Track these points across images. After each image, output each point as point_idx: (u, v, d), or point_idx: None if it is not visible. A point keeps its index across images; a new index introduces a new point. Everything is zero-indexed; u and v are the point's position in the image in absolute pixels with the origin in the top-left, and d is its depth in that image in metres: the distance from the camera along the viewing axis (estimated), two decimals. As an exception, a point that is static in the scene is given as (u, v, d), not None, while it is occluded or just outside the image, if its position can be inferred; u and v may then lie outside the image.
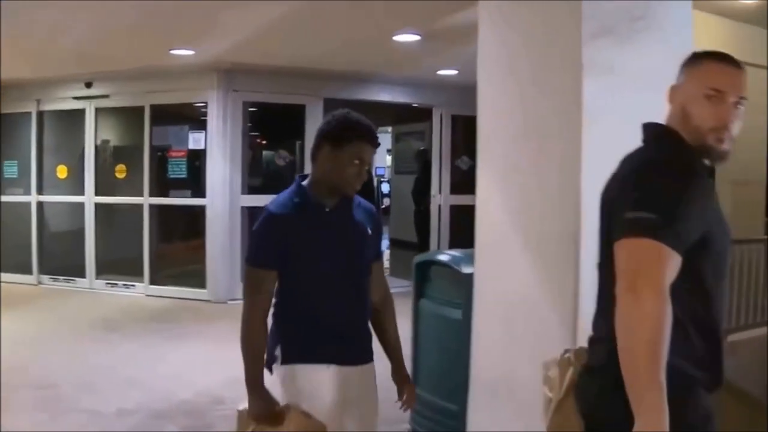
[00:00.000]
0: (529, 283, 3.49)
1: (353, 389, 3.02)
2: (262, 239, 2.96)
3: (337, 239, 3.01)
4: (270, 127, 11.29)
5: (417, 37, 7.74)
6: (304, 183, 3.04)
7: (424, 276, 4.91)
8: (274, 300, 2.98)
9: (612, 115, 3.44)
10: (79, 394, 5.97)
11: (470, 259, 4.07)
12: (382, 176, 20.33)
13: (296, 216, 2.95)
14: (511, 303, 3.61)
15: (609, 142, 3.44)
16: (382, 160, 20.38)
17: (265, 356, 2.98)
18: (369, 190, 12.41)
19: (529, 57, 3.65)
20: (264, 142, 11.49)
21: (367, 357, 3.12)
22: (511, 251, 3.59)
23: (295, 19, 7.09)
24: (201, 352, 7.40)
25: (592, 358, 2.33)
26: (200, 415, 5.59)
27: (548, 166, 3.48)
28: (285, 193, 3.05)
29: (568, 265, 3.30)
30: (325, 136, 2.96)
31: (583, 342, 3.33)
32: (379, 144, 3.05)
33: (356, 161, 2.92)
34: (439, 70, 9.83)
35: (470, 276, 4.00)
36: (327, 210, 3.00)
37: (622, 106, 3.48)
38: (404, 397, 3.26)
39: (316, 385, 2.93)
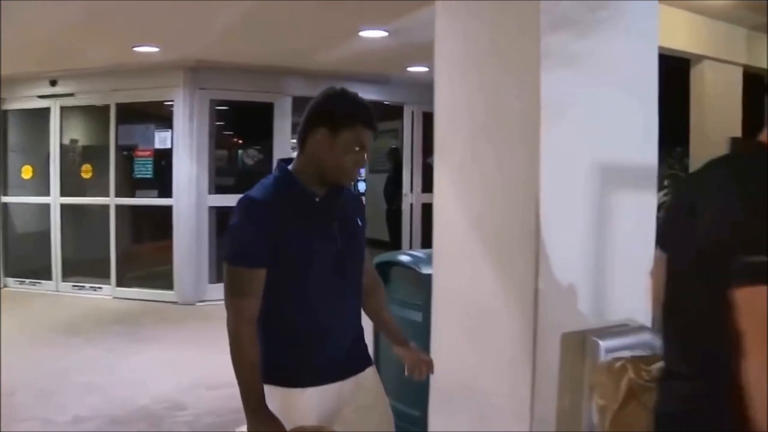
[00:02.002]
0: (488, 284, 3.37)
1: (349, 404, 2.71)
2: (246, 231, 2.54)
3: (330, 234, 2.66)
4: (242, 125, 11.16)
5: (384, 33, 7.63)
6: (290, 168, 2.69)
7: (385, 277, 4.77)
8: None
9: (573, 110, 3.33)
10: (35, 402, 5.80)
11: (431, 260, 3.94)
12: (359, 174, 20.23)
13: (284, 204, 2.57)
14: (469, 305, 3.50)
15: (570, 137, 3.36)
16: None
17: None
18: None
19: (487, 51, 3.53)
20: (240, 141, 11.34)
21: (362, 365, 2.82)
22: (469, 252, 3.47)
23: (260, 15, 6.99)
24: (164, 356, 7.25)
25: (670, 397, 2.00)
26: (157, 422, 5.44)
27: (507, 164, 3.36)
28: (268, 180, 2.67)
29: (528, 266, 3.19)
30: (320, 118, 2.62)
31: (543, 344, 3.25)
32: (377, 127, 2.73)
33: (357, 148, 2.61)
34: (409, 66, 9.72)
35: (430, 277, 3.87)
36: (317, 200, 2.65)
37: (584, 99, 3.38)
38: (421, 368, 2.99)
39: (289, 409, 2.57)
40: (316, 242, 2.62)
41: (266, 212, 2.54)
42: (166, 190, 9.97)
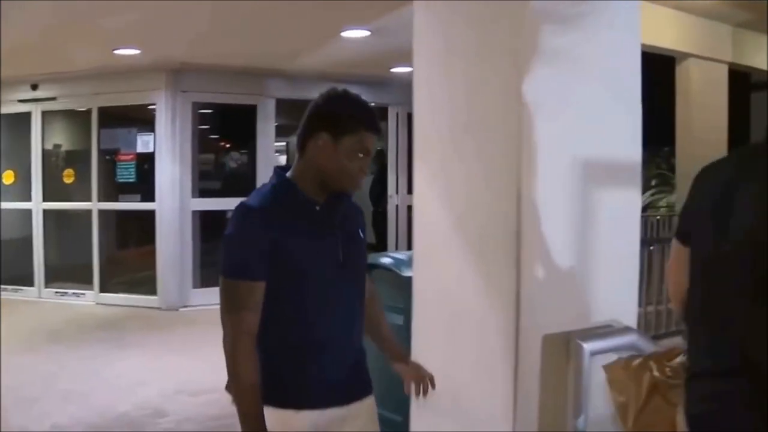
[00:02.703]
0: (470, 285, 3.29)
1: None
2: (243, 241, 2.37)
3: (332, 244, 2.51)
4: (228, 128, 11.07)
5: (366, 33, 7.56)
6: (289, 175, 2.53)
7: (366, 280, 4.70)
8: None
9: (556, 108, 3.26)
10: (13, 411, 5.68)
11: (412, 262, 3.87)
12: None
13: (283, 213, 2.42)
14: (451, 307, 3.41)
15: (553, 136, 3.28)
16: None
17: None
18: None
19: (467, 49, 3.45)
20: (227, 144, 11.26)
21: (361, 392, 2.67)
22: (450, 253, 3.39)
23: (241, 17, 6.92)
24: (147, 362, 7.17)
25: (703, 397, 1.96)
26: (138, 429, 5.35)
27: (488, 164, 3.29)
28: (265, 187, 2.52)
29: (510, 267, 3.11)
30: (321, 122, 2.46)
31: (526, 346, 3.18)
32: (381, 131, 2.58)
33: (360, 154, 2.47)
34: (393, 67, 9.65)
35: (410, 280, 3.79)
36: (317, 208, 2.50)
37: (567, 97, 3.31)
38: (420, 384, 2.97)
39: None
40: (316, 253, 2.47)
41: (264, 221, 2.38)
42: (149, 194, 9.87)
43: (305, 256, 2.43)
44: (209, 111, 10.64)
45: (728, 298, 1.87)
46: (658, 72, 9.82)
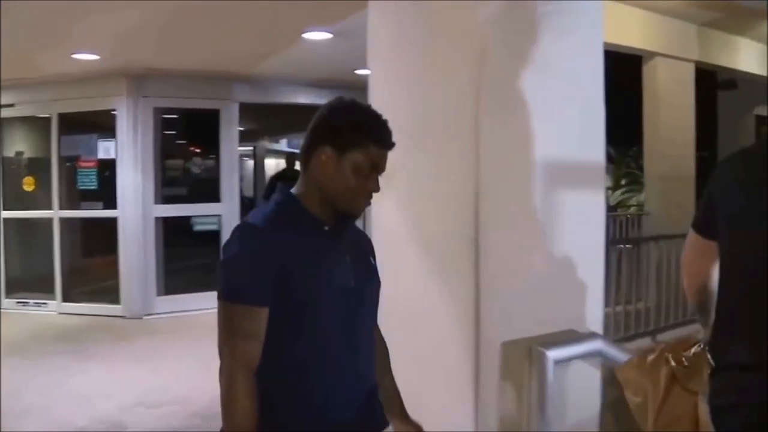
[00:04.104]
0: (428, 294, 3.20)
1: None
2: (249, 263, 2.13)
3: (343, 270, 2.25)
4: (195, 133, 10.92)
5: (328, 35, 7.44)
6: (293, 192, 2.29)
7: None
8: None
9: (514, 108, 3.18)
10: (-32, 427, 5.51)
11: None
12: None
13: (288, 233, 2.18)
14: (409, 316, 3.31)
15: (511, 137, 3.20)
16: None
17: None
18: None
19: (422, 50, 3.38)
20: (197, 150, 11.10)
21: (377, 430, 2.40)
22: (407, 261, 3.28)
23: (201, 20, 6.77)
24: (106, 374, 6.98)
25: (736, 389, 1.95)
26: (94, 445, 5.20)
27: (444, 168, 3.20)
28: (268, 205, 2.28)
29: (467, 274, 3.02)
30: (324, 135, 2.23)
31: (486, 354, 3.08)
32: (393, 144, 2.27)
33: (367, 171, 2.21)
34: (357, 69, 9.53)
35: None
36: (326, 229, 2.26)
37: (526, 97, 3.23)
38: None
39: None
40: (326, 279, 2.21)
41: (270, 242, 2.14)
42: (111, 202, 9.68)
43: (314, 282, 2.18)
44: (175, 116, 10.46)
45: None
46: (627, 71, 9.82)
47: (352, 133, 2.21)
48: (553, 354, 3.04)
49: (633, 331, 6.17)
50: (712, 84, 12.88)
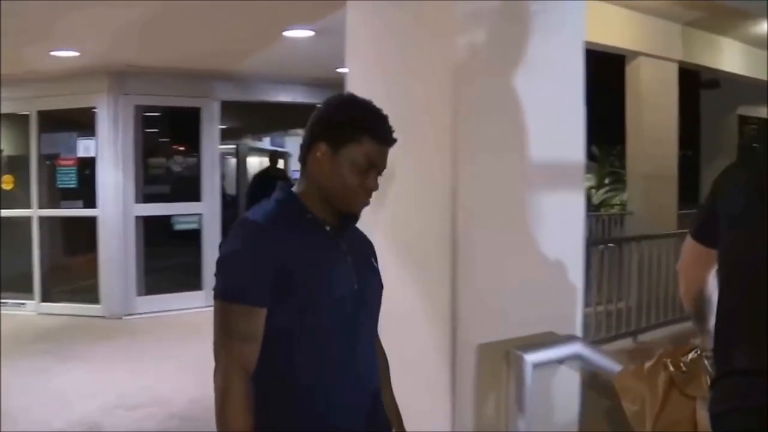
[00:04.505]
0: (405, 296, 3.15)
1: None
2: (246, 261, 2.06)
3: (345, 271, 2.19)
4: (178, 131, 10.84)
5: (310, 33, 7.39)
6: (294, 191, 2.23)
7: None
8: None
9: (493, 109, 3.14)
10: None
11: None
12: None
13: (290, 232, 2.11)
14: (384, 315, 3.24)
15: (490, 138, 3.15)
16: (297, 163, 19.96)
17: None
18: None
19: (401, 50, 3.34)
20: (181, 147, 11.02)
21: None
22: (382, 259, 3.21)
23: (183, 18, 6.70)
24: (86, 376, 6.90)
25: (737, 395, 1.93)
26: (70, 447, 5.13)
27: (422, 168, 3.15)
28: (268, 203, 2.20)
29: (444, 276, 2.98)
30: (320, 131, 2.17)
31: (463, 357, 3.04)
32: (394, 141, 2.22)
33: (363, 167, 2.15)
34: (339, 67, 9.49)
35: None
36: (327, 229, 2.20)
37: (504, 98, 3.19)
38: None
39: None
40: (330, 281, 2.14)
41: (269, 240, 2.07)
42: (91, 200, 9.59)
43: (314, 282, 2.11)
44: (157, 114, 10.38)
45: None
46: (611, 71, 9.81)
47: (346, 127, 2.15)
48: (531, 357, 3.01)
49: (614, 332, 6.16)
50: (695, 83, 12.90)
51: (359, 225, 2.30)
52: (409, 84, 3.23)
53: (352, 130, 2.14)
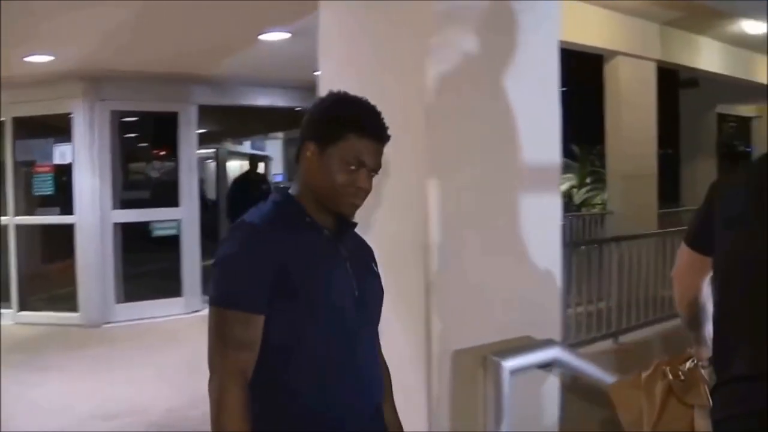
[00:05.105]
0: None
1: None
2: (248, 264, 1.98)
3: (345, 276, 2.12)
4: (157, 136, 10.75)
5: (287, 35, 7.33)
6: (291, 193, 2.18)
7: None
8: None
9: (466, 111, 3.09)
10: None
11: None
12: (281, 183, 19.77)
13: (288, 235, 2.05)
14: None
15: (464, 140, 3.11)
16: (279, 167, 19.95)
17: None
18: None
19: (373, 51, 3.30)
20: (163, 152, 10.93)
21: None
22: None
23: (155, 21, 6.65)
24: (63, 386, 6.79)
25: (737, 400, 1.94)
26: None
27: (394, 171, 3.08)
28: (265, 205, 2.14)
29: (419, 281, 2.93)
30: (308, 130, 2.13)
31: (438, 363, 2.99)
32: (387, 138, 2.17)
33: (352, 166, 2.08)
34: (317, 70, 9.43)
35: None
36: (326, 233, 2.13)
37: (478, 99, 3.14)
38: None
39: None
40: (331, 286, 2.08)
41: (267, 241, 2.00)
42: (68, 207, 9.47)
43: (316, 286, 2.04)
44: (136, 119, 10.29)
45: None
46: (592, 70, 9.82)
47: (331, 125, 2.10)
48: (508, 363, 2.96)
49: (595, 333, 6.13)
50: (674, 82, 12.94)
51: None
52: (383, 85, 3.17)
53: (337, 127, 2.09)
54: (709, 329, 2.20)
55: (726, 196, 2.12)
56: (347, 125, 2.09)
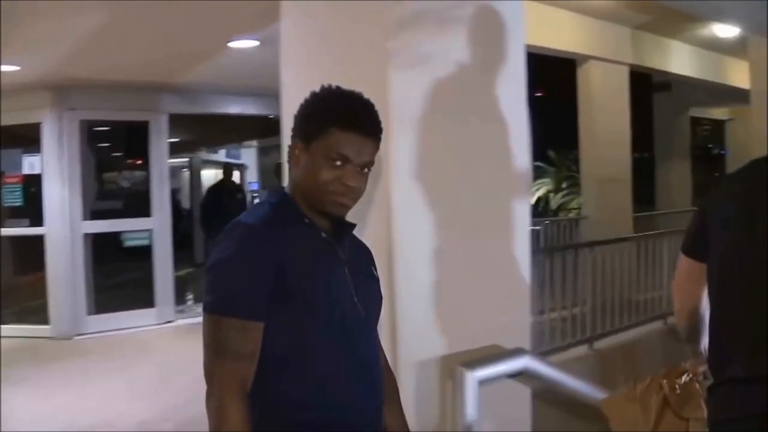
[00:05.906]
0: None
1: None
2: (245, 268, 1.90)
3: (343, 279, 2.05)
4: (130, 145, 10.63)
5: (255, 43, 7.27)
6: (287, 191, 2.11)
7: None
8: None
9: (429, 115, 3.03)
10: None
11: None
12: (256, 192, 19.65)
13: (286, 237, 1.96)
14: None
15: (425, 145, 3.05)
16: (254, 175, 19.83)
17: None
18: (243, 208, 11.74)
19: (333, 54, 3.23)
20: (138, 161, 10.80)
21: None
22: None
23: (122, 30, 6.56)
24: (33, 400, 6.65)
25: (735, 404, 1.94)
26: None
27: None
28: (262, 207, 2.08)
29: (383, 289, 2.84)
30: (295, 128, 2.08)
31: (404, 374, 2.93)
32: (377, 131, 2.09)
33: (337, 161, 1.98)
34: (286, 78, 9.40)
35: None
36: (323, 235, 2.04)
37: (441, 103, 3.09)
38: None
39: None
40: (330, 290, 2.00)
41: (270, 245, 1.92)
42: (38, 219, 9.34)
43: (315, 288, 1.97)
44: (108, 128, 10.18)
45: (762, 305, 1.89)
46: (565, 75, 9.82)
47: (315, 119, 2.03)
48: (476, 374, 2.90)
49: (570, 339, 6.08)
50: (647, 86, 12.97)
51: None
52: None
53: (319, 121, 2.02)
54: (705, 342, 2.19)
55: (719, 202, 2.13)
56: (330, 119, 2.01)
